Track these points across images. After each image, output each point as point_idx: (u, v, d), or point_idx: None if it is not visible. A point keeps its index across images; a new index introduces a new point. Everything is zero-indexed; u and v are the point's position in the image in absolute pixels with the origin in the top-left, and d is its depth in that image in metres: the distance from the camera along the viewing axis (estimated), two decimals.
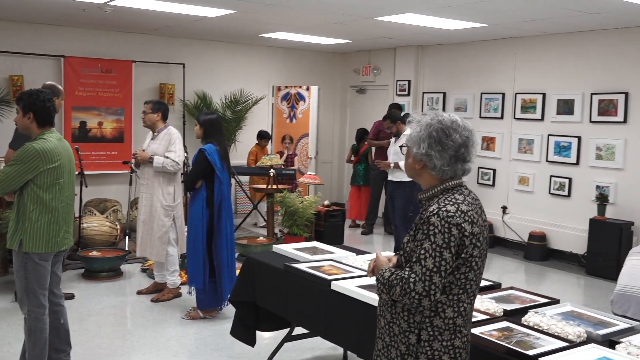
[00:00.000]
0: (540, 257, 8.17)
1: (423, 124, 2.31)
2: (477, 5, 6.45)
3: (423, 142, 2.28)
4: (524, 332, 2.90)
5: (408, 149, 2.36)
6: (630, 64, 7.47)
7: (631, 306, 5.00)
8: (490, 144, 9.05)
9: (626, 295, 5.06)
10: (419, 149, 2.28)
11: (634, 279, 5.07)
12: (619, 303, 5.10)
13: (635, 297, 4.99)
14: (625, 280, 5.15)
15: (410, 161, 2.37)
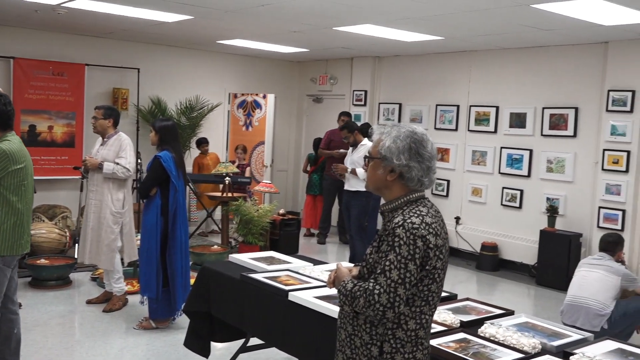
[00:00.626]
0: (492, 267, 8.30)
1: (401, 135, 2.29)
2: (434, 18, 6.53)
3: (403, 153, 2.26)
4: (481, 344, 2.92)
5: (376, 160, 2.33)
6: (580, 79, 7.68)
7: (580, 316, 5.11)
8: (445, 155, 9.16)
9: (575, 305, 5.17)
10: (399, 160, 2.26)
11: (583, 289, 5.19)
12: (569, 313, 5.21)
13: (584, 307, 5.10)
14: (574, 291, 5.26)
15: (380, 173, 2.32)
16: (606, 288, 5.11)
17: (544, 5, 5.59)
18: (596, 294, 5.09)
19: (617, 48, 7.25)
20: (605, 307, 5.04)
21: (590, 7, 5.55)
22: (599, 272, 5.20)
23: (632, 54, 7.11)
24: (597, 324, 5.01)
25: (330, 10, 6.40)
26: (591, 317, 5.05)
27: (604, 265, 5.23)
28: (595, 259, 5.41)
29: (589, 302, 5.09)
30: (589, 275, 5.25)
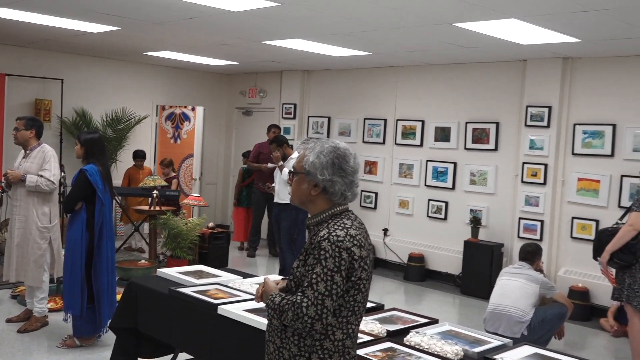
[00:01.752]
0: (419, 277, 8.49)
1: (324, 150, 2.34)
2: (360, 34, 6.67)
3: (327, 168, 2.32)
4: (406, 352, 3.00)
5: (300, 175, 2.38)
6: (500, 95, 7.99)
7: (502, 324, 5.30)
8: (373, 168, 9.33)
9: (497, 313, 5.36)
10: (323, 175, 2.31)
11: (504, 297, 5.39)
12: (491, 321, 5.39)
13: (505, 315, 5.29)
14: (496, 300, 5.46)
15: (304, 187, 2.36)
16: (526, 296, 5.33)
17: (466, 25, 5.81)
18: (516, 302, 5.30)
19: (534, 66, 7.60)
20: (525, 315, 5.25)
21: (509, 27, 5.81)
22: (519, 281, 5.41)
23: (549, 72, 7.46)
24: (517, 331, 5.22)
25: (259, 24, 6.45)
26: (512, 324, 5.25)
27: (523, 274, 5.45)
28: (515, 268, 5.63)
29: (510, 309, 5.29)
30: (509, 284, 5.46)
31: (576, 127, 7.34)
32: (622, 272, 5.24)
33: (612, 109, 7.09)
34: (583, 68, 7.33)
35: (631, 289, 5.16)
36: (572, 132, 7.37)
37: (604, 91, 7.16)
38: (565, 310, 5.48)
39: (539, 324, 5.28)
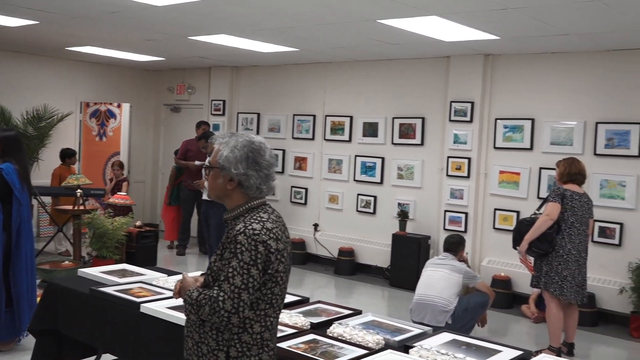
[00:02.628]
0: (349, 271, 8.58)
1: (238, 144, 2.35)
2: (287, 30, 6.69)
3: (241, 162, 2.33)
4: (329, 343, 3.05)
5: (215, 169, 2.39)
6: (426, 91, 8.17)
7: (427, 313, 5.44)
8: (303, 164, 9.37)
9: (422, 303, 5.49)
10: (237, 169, 2.32)
11: (429, 288, 5.52)
12: (417, 311, 5.52)
13: (430, 305, 5.43)
14: (421, 290, 5.59)
15: (220, 182, 2.37)
16: (450, 286, 5.48)
17: (389, 21, 5.91)
18: (441, 292, 5.44)
19: (457, 62, 7.80)
20: (449, 304, 5.40)
21: (431, 24, 5.94)
22: (443, 271, 5.56)
23: (471, 68, 7.67)
24: (442, 320, 5.36)
25: (183, 19, 6.37)
26: (437, 314, 5.39)
27: (447, 265, 5.61)
28: (440, 259, 5.79)
29: (435, 299, 5.43)
30: (434, 275, 5.61)
31: (497, 122, 7.58)
32: (540, 260, 5.47)
33: (530, 104, 7.36)
34: (503, 65, 7.57)
35: (548, 276, 5.38)
36: (494, 126, 7.61)
37: (523, 87, 7.43)
38: (487, 299, 5.66)
39: (463, 312, 5.44)
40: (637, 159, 6.65)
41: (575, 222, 5.33)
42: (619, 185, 6.76)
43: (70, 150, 9.16)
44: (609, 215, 6.79)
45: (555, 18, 5.46)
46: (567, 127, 7.08)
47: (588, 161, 6.64)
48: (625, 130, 6.72)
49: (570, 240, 5.33)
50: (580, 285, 5.40)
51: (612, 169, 6.80)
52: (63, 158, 9.05)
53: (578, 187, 5.45)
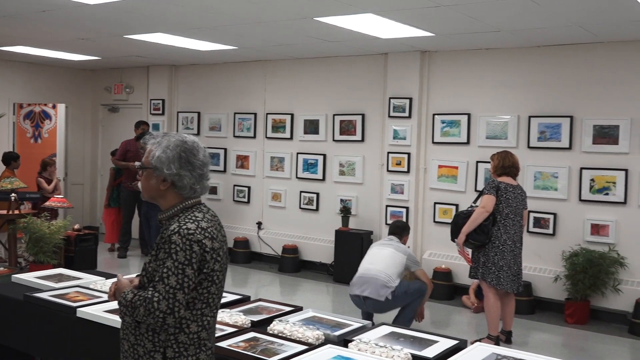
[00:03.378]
0: (294, 269, 8.61)
1: (170, 145, 2.34)
2: (226, 28, 6.65)
3: (173, 162, 2.31)
4: (269, 341, 3.06)
5: (148, 170, 2.37)
6: (365, 88, 8.25)
7: (369, 287, 5.54)
8: (245, 162, 9.34)
9: (365, 277, 5.60)
10: (170, 170, 2.31)
11: (374, 263, 5.66)
12: (358, 284, 5.62)
13: (373, 278, 5.54)
14: (365, 265, 5.74)
15: (153, 182, 2.36)
16: (394, 264, 5.62)
17: (326, 19, 5.95)
18: (386, 268, 5.58)
19: (395, 59, 7.91)
20: (391, 281, 5.53)
21: (368, 21, 6.01)
22: (389, 250, 5.73)
23: (408, 65, 7.79)
24: (383, 294, 5.49)
25: (117, 18, 6.26)
26: (379, 287, 5.51)
27: (393, 245, 5.76)
28: (385, 240, 5.94)
29: (379, 274, 5.55)
30: (379, 252, 5.76)
31: (435, 117, 7.72)
32: (477, 252, 5.61)
33: (466, 99, 7.52)
34: (439, 61, 7.72)
35: (485, 266, 5.53)
36: (432, 122, 7.75)
37: (459, 82, 7.59)
38: (426, 288, 5.78)
39: (402, 295, 5.56)
40: (568, 151, 6.89)
41: (510, 214, 5.49)
42: (552, 177, 6.99)
43: (14, 154, 8.84)
44: (543, 206, 7.01)
45: (486, 15, 5.60)
46: (502, 121, 7.28)
47: (522, 154, 6.85)
48: (557, 124, 6.95)
49: (505, 231, 5.48)
50: (516, 275, 5.57)
51: (545, 161, 7.02)
52: (8, 161, 8.70)
53: (512, 180, 5.61)
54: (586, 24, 5.85)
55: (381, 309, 5.62)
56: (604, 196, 6.68)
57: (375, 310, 5.66)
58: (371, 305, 5.58)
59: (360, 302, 5.64)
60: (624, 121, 6.56)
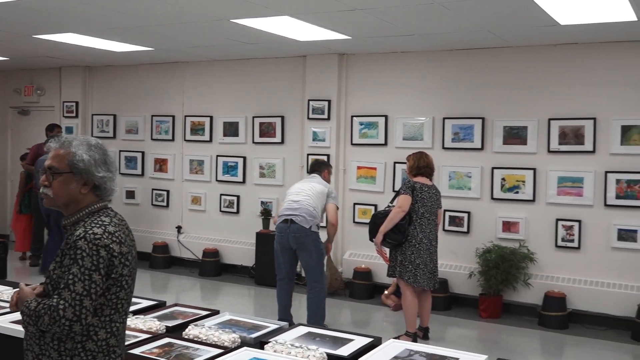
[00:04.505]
0: (215, 272, 8.52)
1: (92, 146, 2.27)
2: (140, 29, 6.52)
3: (100, 165, 2.27)
4: (184, 345, 3.02)
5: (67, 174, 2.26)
6: (284, 90, 8.27)
7: (297, 213, 5.79)
8: (163, 166, 9.18)
9: (292, 207, 5.84)
10: (99, 172, 2.25)
11: (300, 195, 5.92)
12: (286, 211, 5.88)
13: (300, 207, 5.81)
14: (291, 198, 5.96)
15: (73, 187, 2.26)
16: (319, 196, 5.89)
17: (243, 21, 5.93)
18: (311, 199, 5.84)
19: (313, 61, 7.97)
20: (317, 210, 5.83)
21: (284, 24, 6.03)
22: (314, 183, 5.95)
23: (326, 67, 7.86)
24: (309, 223, 5.76)
25: (24, 17, 6.03)
26: (307, 215, 5.78)
27: (316, 179, 6.03)
28: (307, 178, 6.13)
29: (306, 205, 5.81)
30: (304, 186, 5.96)
31: (353, 119, 7.83)
32: (395, 251, 5.73)
33: (383, 101, 7.66)
34: (357, 64, 7.83)
35: (402, 265, 5.65)
36: (350, 123, 7.85)
37: (376, 85, 7.72)
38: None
39: (316, 245, 5.88)
40: (480, 151, 7.13)
41: (425, 213, 5.63)
42: (465, 177, 7.21)
43: None
44: (457, 205, 7.23)
45: (400, 19, 5.72)
46: (418, 123, 7.46)
47: (437, 155, 7.05)
48: (469, 125, 7.18)
49: (421, 230, 5.62)
50: (432, 272, 5.72)
51: (459, 162, 7.24)
52: None
53: (427, 180, 5.75)
54: (494, 29, 6.08)
55: (301, 238, 5.79)
56: (514, 194, 6.96)
57: (296, 240, 5.80)
58: (294, 230, 5.76)
59: (285, 229, 5.80)
60: (532, 122, 6.85)
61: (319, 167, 6.26)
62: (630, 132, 6.42)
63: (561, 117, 6.71)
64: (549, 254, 6.79)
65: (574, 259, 6.70)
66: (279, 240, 5.93)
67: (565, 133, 6.70)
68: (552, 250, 6.78)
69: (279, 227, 5.90)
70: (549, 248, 6.79)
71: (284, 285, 6.03)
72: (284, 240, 5.86)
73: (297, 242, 5.81)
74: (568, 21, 5.57)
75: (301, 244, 5.81)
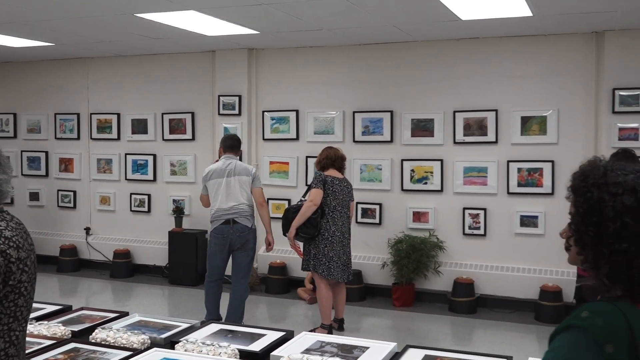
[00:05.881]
0: (127, 273, 8.31)
1: None
2: (38, 23, 6.26)
3: (3, 168, 2.15)
4: (91, 350, 2.93)
5: None
6: (194, 86, 8.15)
7: (237, 214, 5.77)
8: (69, 166, 8.86)
9: (231, 210, 5.76)
10: (3, 175, 2.13)
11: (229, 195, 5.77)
12: (224, 214, 5.78)
13: (239, 211, 5.76)
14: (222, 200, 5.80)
15: None
16: (247, 188, 5.81)
17: (147, 15, 5.79)
18: (245, 196, 5.79)
19: (222, 56, 7.89)
20: (251, 206, 5.81)
21: (191, 18, 5.93)
22: (238, 174, 5.79)
23: (236, 62, 7.80)
24: (250, 222, 5.78)
25: None
26: (247, 216, 5.79)
27: (237, 168, 5.82)
28: (225, 163, 5.85)
29: (242, 206, 5.75)
30: (232, 182, 5.78)
31: (265, 114, 7.81)
32: (308, 244, 5.77)
33: (294, 96, 7.69)
34: (267, 58, 7.81)
35: (316, 258, 5.70)
36: (262, 118, 7.84)
37: (286, 80, 7.73)
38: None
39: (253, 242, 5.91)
40: (390, 144, 7.28)
41: (337, 206, 5.70)
42: (376, 169, 7.35)
43: None
44: (369, 197, 7.36)
45: (307, 14, 5.75)
46: (329, 117, 7.53)
47: (348, 148, 7.15)
48: (379, 118, 7.32)
49: (334, 223, 5.68)
50: (345, 265, 5.80)
51: (369, 154, 7.37)
52: None
53: (338, 173, 5.82)
54: (400, 24, 6.21)
55: (246, 236, 5.78)
56: (423, 185, 7.15)
57: (241, 239, 5.75)
58: (239, 230, 5.73)
59: (227, 230, 5.73)
60: (438, 115, 7.05)
61: (238, 144, 6.02)
62: (529, 122, 6.73)
63: (465, 109, 6.95)
64: (457, 242, 7.03)
65: (480, 246, 6.97)
66: (220, 242, 5.79)
67: (469, 125, 6.95)
68: (460, 238, 7.02)
69: (220, 229, 5.76)
70: (457, 236, 7.03)
71: (216, 287, 5.92)
72: (226, 242, 5.76)
73: (242, 241, 5.75)
74: (469, 16, 5.77)
75: (245, 242, 5.77)
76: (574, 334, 1.28)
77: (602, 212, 1.38)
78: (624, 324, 1.27)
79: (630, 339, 1.25)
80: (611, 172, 1.41)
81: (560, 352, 1.28)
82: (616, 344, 1.24)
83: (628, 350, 1.24)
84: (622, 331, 1.26)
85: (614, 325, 1.26)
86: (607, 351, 1.23)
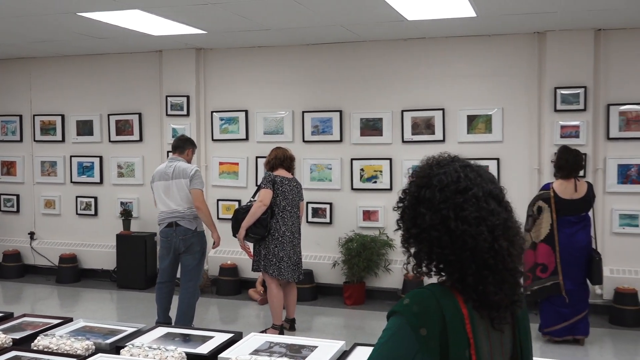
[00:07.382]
0: (73, 278, 8.12)
1: None
2: None
3: None
4: (34, 358, 2.85)
5: None
6: (141, 86, 8.02)
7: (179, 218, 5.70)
8: (11, 169, 8.61)
9: (173, 215, 5.69)
10: None
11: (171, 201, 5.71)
12: (167, 217, 5.75)
13: (178, 216, 5.69)
14: (164, 207, 5.77)
15: None
16: (185, 194, 5.69)
17: (90, 14, 5.67)
18: (185, 199, 5.68)
19: (170, 56, 7.79)
20: (191, 207, 5.68)
21: (136, 18, 5.84)
22: (175, 182, 5.68)
23: (184, 62, 7.72)
24: (193, 225, 5.70)
25: None
26: (191, 219, 5.69)
27: (175, 171, 5.70)
28: (168, 161, 5.83)
29: (182, 210, 5.67)
30: (170, 187, 5.69)
31: (214, 115, 7.75)
32: (258, 245, 5.74)
33: (243, 96, 7.65)
34: (215, 58, 7.74)
35: (267, 259, 5.68)
36: (211, 119, 7.76)
37: (235, 80, 7.68)
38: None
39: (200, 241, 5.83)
40: (339, 143, 7.31)
41: (287, 206, 5.69)
42: (326, 169, 7.37)
43: None
44: (320, 196, 7.37)
45: (253, 14, 5.73)
46: (278, 117, 7.51)
47: (298, 148, 7.15)
48: (328, 118, 7.34)
49: (284, 223, 5.67)
50: (296, 264, 5.79)
51: (319, 154, 7.38)
52: None
53: (287, 173, 5.81)
54: (347, 24, 6.24)
55: (189, 240, 5.70)
56: (373, 184, 7.21)
57: (185, 242, 5.68)
58: (181, 233, 5.66)
59: (171, 233, 5.68)
60: (387, 114, 7.11)
61: (184, 144, 5.89)
62: (475, 121, 6.85)
63: (413, 108, 7.03)
64: None
65: None
66: (166, 245, 5.74)
67: (417, 124, 7.03)
68: None
69: (165, 232, 5.71)
70: None
71: (165, 289, 5.84)
72: (171, 245, 5.70)
73: (186, 244, 5.68)
74: (415, 17, 5.84)
75: (189, 246, 5.70)
76: (396, 319, 1.46)
77: None
78: (436, 308, 1.43)
79: (441, 321, 1.42)
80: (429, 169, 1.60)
81: (387, 334, 1.47)
82: (429, 328, 1.41)
83: (440, 332, 1.42)
84: (435, 316, 1.43)
85: (427, 310, 1.43)
86: (422, 334, 1.41)
